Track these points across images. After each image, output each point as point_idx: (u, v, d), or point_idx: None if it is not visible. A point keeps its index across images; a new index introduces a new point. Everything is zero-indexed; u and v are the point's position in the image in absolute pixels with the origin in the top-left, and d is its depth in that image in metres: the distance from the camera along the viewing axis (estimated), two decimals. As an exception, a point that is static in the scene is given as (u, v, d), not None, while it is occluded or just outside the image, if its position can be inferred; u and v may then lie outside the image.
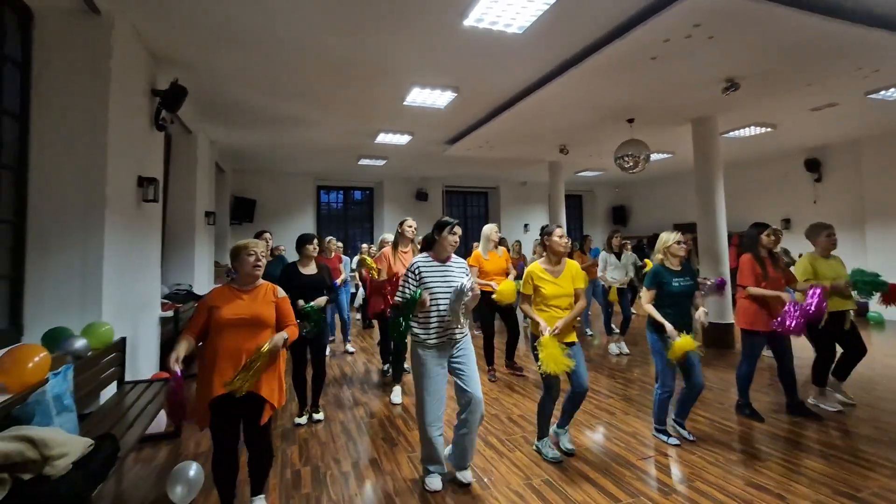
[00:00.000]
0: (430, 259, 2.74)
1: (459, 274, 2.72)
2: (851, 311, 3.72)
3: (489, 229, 4.84)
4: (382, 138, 7.60)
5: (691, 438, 3.23)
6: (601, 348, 6.18)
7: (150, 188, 4.13)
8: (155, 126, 4.43)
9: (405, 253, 4.36)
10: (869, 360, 4.10)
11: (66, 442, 1.72)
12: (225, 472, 2.24)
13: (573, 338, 2.97)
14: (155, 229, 4.66)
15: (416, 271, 2.68)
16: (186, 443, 3.42)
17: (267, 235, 4.70)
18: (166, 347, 4.76)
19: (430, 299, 2.58)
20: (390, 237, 4.83)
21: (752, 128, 7.22)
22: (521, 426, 3.57)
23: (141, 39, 4.07)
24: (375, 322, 6.46)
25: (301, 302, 3.45)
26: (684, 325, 3.12)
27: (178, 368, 2.05)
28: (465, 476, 2.71)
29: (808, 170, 8.91)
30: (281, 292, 2.44)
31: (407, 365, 4.43)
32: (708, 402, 4.01)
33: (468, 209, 13.69)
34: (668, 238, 3.27)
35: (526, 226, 13.22)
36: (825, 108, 6.32)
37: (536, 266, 3.03)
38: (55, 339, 2.68)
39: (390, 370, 4.75)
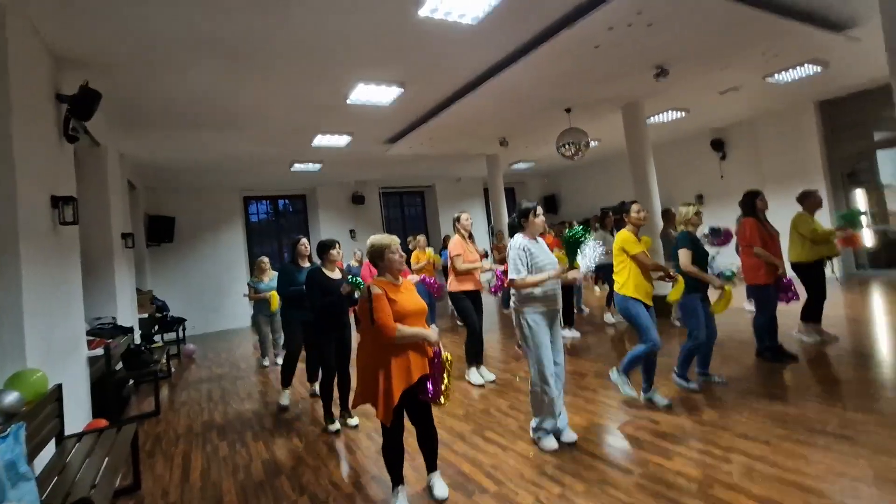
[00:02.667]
0: (528, 238, 3.03)
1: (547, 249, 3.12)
2: (833, 258, 4.53)
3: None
4: (320, 140, 7.20)
5: (723, 380, 3.69)
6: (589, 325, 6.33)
7: (66, 209, 3.52)
8: (64, 137, 3.80)
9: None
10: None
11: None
12: (400, 454, 2.46)
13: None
14: (74, 256, 4.00)
15: (525, 248, 2.95)
16: (151, 496, 2.96)
17: (304, 241, 4.41)
18: (97, 390, 4.15)
19: (538, 270, 2.93)
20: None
21: (670, 112, 7.85)
22: (513, 417, 3.54)
23: (39, 35, 3.45)
24: None
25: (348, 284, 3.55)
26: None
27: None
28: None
29: (714, 149, 9.90)
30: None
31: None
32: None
33: (405, 209, 13.54)
34: (687, 210, 3.64)
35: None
36: (729, 92, 7.04)
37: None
38: (-21, 398, 2.16)
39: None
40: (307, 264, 4.31)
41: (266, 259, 6.21)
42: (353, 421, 3.72)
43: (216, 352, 7.76)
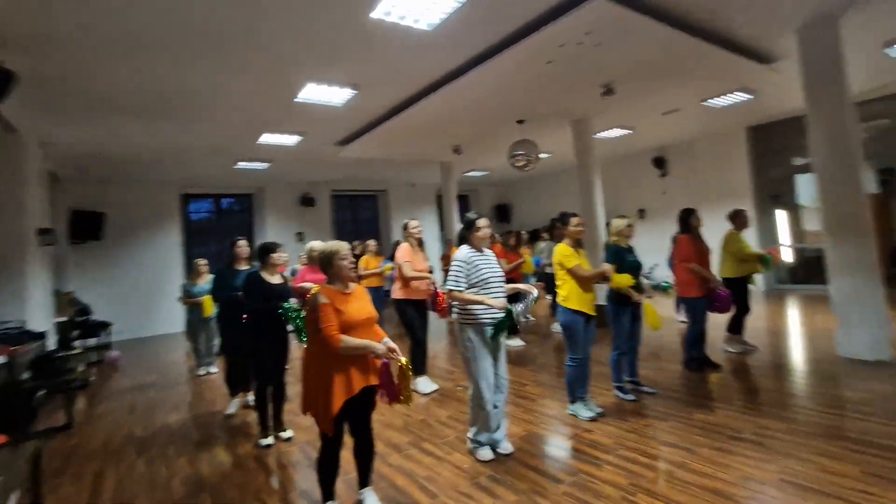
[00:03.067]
0: (474, 250, 3.03)
1: (494, 260, 3.10)
2: (755, 276, 4.88)
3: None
4: (267, 139, 6.93)
5: (653, 391, 3.83)
6: (534, 334, 6.43)
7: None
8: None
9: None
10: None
11: None
12: (335, 468, 2.38)
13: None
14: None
15: (467, 261, 2.95)
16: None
17: (243, 242, 4.18)
18: (-1, 401, 3.74)
19: (483, 283, 2.93)
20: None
21: (617, 129, 8.21)
22: (452, 427, 3.52)
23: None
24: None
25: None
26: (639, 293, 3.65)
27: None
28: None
29: (656, 166, 10.44)
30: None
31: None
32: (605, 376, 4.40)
33: (357, 213, 13.29)
34: (619, 223, 3.75)
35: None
36: (671, 113, 7.45)
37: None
38: None
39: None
40: (245, 267, 4.10)
41: (203, 261, 5.83)
42: (287, 434, 3.55)
43: (144, 359, 7.24)
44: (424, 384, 4.40)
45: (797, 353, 4.85)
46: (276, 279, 3.55)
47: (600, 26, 4.00)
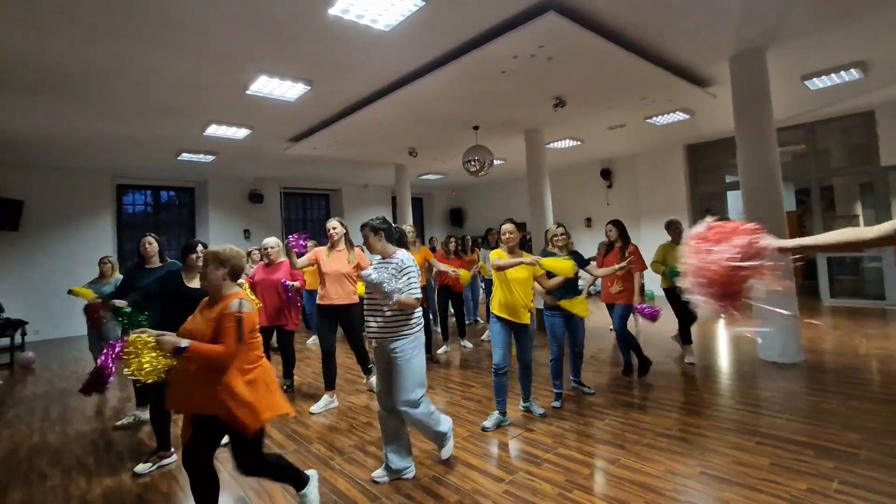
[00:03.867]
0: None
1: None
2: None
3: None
4: (214, 130, 6.62)
5: (592, 391, 4.01)
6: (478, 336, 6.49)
7: None
8: None
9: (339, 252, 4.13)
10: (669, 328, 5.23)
11: None
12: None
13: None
14: None
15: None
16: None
17: (149, 238, 3.69)
18: None
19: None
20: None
21: (567, 140, 8.53)
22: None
23: None
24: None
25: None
26: (574, 296, 3.72)
27: None
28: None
29: (602, 177, 10.94)
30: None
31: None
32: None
33: (308, 212, 12.94)
34: (553, 230, 3.85)
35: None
36: (617, 128, 7.84)
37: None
38: None
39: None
40: (158, 265, 3.63)
41: (112, 258, 5.12)
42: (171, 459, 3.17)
43: (62, 362, 6.65)
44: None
45: (723, 357, 5.22)
46: (195, 283, 3.06)
47: (552, 40, 4.16)
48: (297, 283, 4.21)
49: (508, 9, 3.81)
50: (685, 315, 4.84)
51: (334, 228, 4.14)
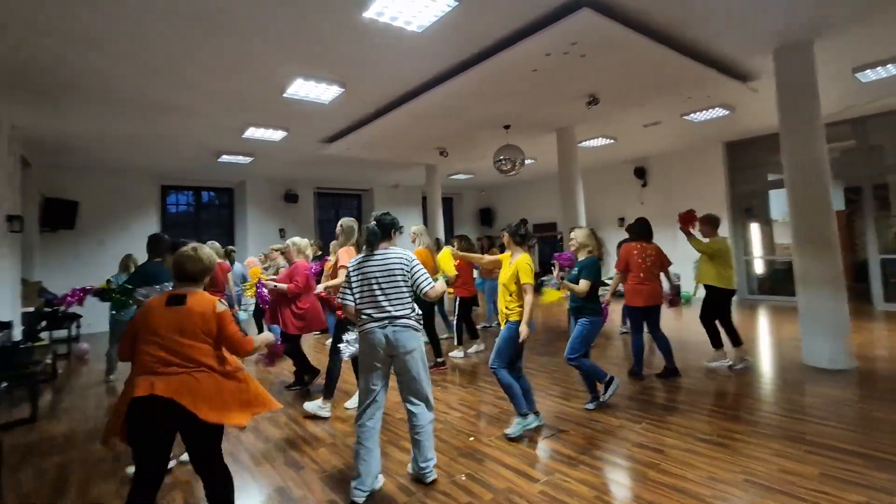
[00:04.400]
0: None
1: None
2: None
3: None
4: (252, 133, 6.85)
5: (604, 399, 3.79)
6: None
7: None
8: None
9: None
10: (685, 329, 5.06)
11: None
12: None
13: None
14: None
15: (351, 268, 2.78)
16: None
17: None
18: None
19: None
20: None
21: (600, 139, 8.38)
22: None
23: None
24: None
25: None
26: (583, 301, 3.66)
27: None
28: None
29: (636, 176, 10.68)
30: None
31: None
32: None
33: (341, 212, 13.18)
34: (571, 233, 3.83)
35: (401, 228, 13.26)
36: (652, 125, 7.65)
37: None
38: None
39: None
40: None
41: (134, 256, 5.37)
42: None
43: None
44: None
45: (765, 361, 5.02)
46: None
47: (586, 37, 4.10)
48: (283, 286, 4.19)
49: (541, 6, 3.78)
50: (726, 315, 4.67)
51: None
